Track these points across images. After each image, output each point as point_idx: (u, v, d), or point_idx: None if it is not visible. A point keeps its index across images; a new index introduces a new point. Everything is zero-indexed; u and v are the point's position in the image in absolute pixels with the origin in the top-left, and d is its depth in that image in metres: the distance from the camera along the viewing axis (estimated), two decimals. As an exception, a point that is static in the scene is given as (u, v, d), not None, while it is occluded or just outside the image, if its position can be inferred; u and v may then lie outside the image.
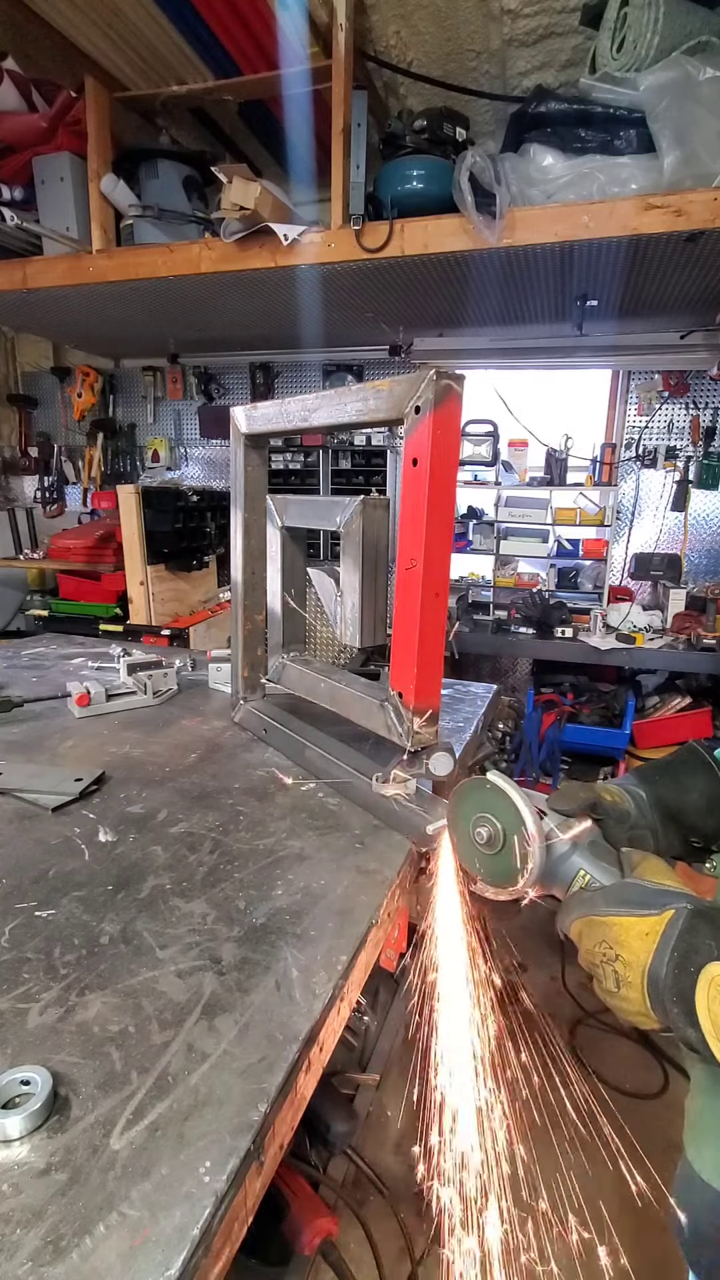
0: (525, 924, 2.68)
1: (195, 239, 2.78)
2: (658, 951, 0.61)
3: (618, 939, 0.64)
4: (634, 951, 0.63)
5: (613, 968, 0.64)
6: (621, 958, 0.63)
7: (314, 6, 2.31)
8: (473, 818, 0.79)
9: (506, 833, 0.75)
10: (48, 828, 1.01)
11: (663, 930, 0.62)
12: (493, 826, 0.76)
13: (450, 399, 0.82)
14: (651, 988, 0.61)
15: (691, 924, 0.61)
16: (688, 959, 0.59)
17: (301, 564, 1.40)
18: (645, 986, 0.62)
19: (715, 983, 0.57)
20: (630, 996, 0.63)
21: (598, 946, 0.66)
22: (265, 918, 0.80)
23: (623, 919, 0.65)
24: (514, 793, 0.75)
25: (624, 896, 0.67)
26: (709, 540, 3.89)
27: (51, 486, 4.85)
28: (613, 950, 0.64)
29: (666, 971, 0.60)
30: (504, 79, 2.74)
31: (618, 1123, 1.03)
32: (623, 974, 0.63)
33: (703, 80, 2.06)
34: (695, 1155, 0.77)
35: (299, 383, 4.46)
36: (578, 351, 3.83)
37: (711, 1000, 0.56)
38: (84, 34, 2.47)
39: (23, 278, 3.01)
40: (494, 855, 0.76)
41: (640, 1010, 0.63)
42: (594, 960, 0.66)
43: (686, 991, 0.58)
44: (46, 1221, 0.47)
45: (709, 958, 0.58)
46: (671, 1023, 0.60)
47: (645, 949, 0.62)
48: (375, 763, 1.08)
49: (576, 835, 0.76)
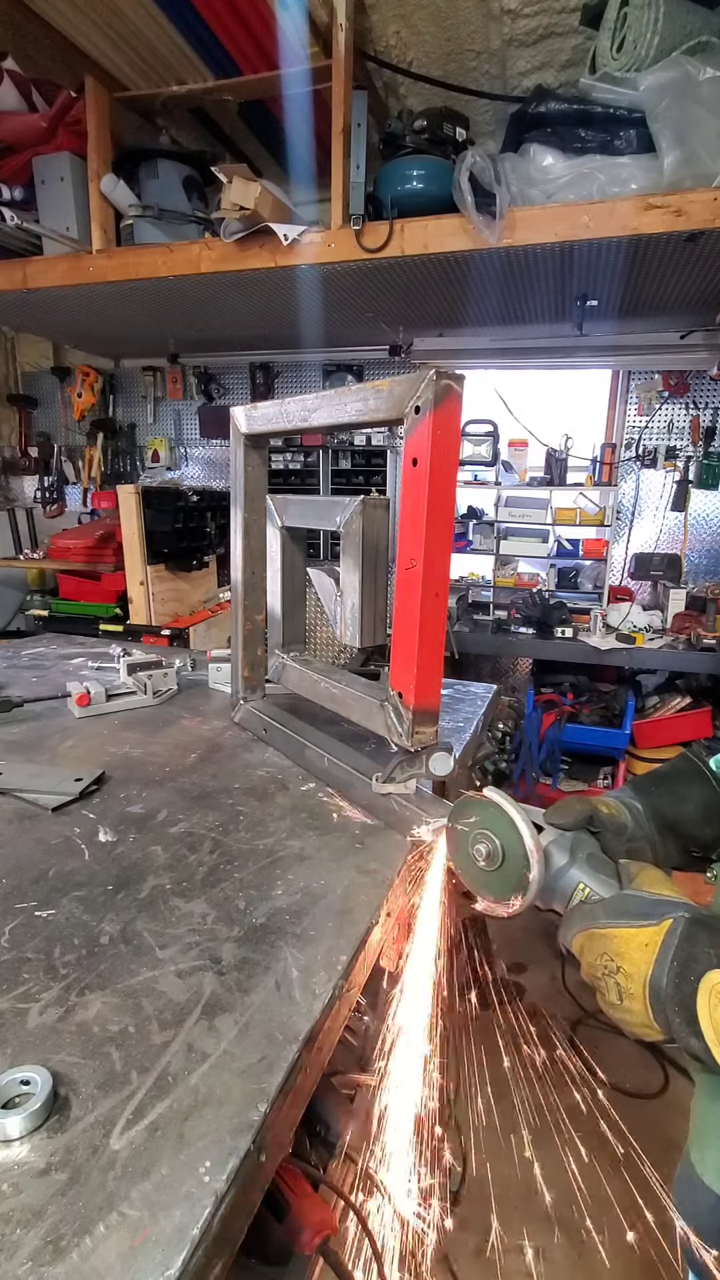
0: (525, 924, 2.68)
1: (195, 239, 2.78)
2: (658, 962, 0.61)
3: (618, 951, 0.64)
4: (635, 963, 0.62)
5: (614, 980, 0.64)
6: (623, 969, 0.63)
7: (314, 6, 2.31)
8: (472, 835, 0.79)
9: (505, 849, 0.75)
10: (48, 828, 1.01)
11: (662, 940, 0.61)
12: (491, 843, 0.76)
13: (450, 399, 0.82)
14: (653, 998, 0.61)
15: (690, 932, 0.60)
16: (687, 968, 0.59)
17: (301, 564, 1.40)
18: (647, 998, 0.61)
19: (716, 990, 0.56)
20: (633, 1008, 0.63)
21: (599, 959, 0.65)
22: (265, 918, 0.80)
23: (622, 930, 0.64)
24: (511, 809, 0.75)
25: (623, 908, 0.66)
26: (709, 540, 3.89)
27: (51, 486, 4.85)
28: (614, 962, 0.64)
29: (667, 981, 0.60)
30: (504, 79, 2.74)
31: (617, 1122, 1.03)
32: (625, 986, 0.63)
33: (703, 80, 2.06)
34: (698, 1159, 0.77)
35: (299, 383, 4.46)
36: (578, 351, 3.83)
37: (713, 1008, 0.56)
38: (84, 34, 2.47)
39: (23, 278, 3.01)
40: (494, 872, 0.77)
41: (644, 1022, 0.62)
42: (596, 973, 0.66)
43: (688, 1000, 0.58)
44: (46, 1221, 0.47)
45: (709, 965, 0.58)
46: (674, 1033, 0.60)
47: (646, 960, 0.62)
48: (375, 763, 1.08)
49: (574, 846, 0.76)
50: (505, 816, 0.75)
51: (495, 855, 0.76)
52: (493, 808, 0.77)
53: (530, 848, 0.72)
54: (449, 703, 1.66)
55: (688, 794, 0.87)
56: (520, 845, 0.73)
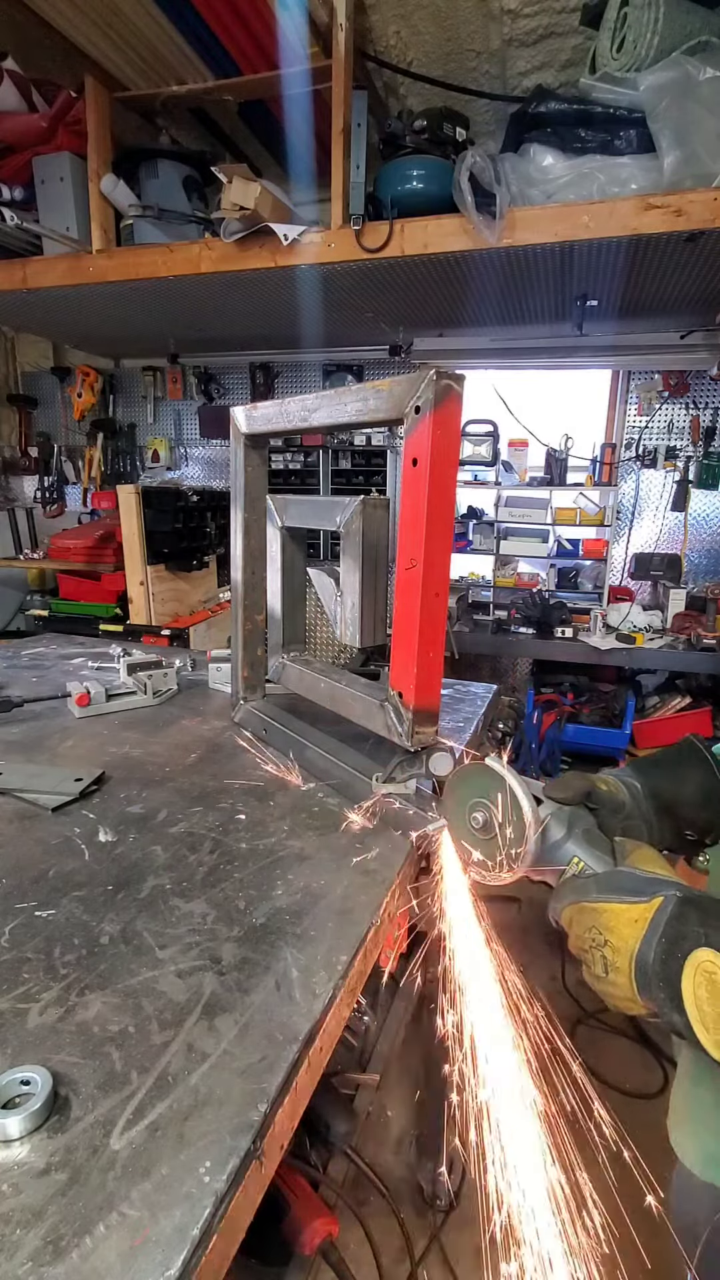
0: (525, 923, 2.68)
1: (195, 239, 2.78)
2: (645, 938, 0.62)
3: (607, 925, 0.65)
4: (623, 938, 0.63)
5: (601, 953, 0.65)
6: (610, 943, 0.64)
7: (314, 6, 2.31)
8: (470, 802, 0.79)
9: (503, 818, 0.75)
10: (48, 828, 1.01)
11: (651, 917, 0.62)
12: (489, 811, 0.76)
13: (450, 399, 0.82)
14: (639, 973, 0.62)
15: (680, 911, 0.61)
16: (675, 945, 0.60)
17: (301, 564, 1.40)
18: (633, 972, 0.62)
19: (701, 969, 0.57)
20: (618, 982, 0.64)
21: (587, 932, 0.66)
22: (265, 918, 0.80)
23: (613, 905, 0.65)
24: (511, 778, 0.75)
25: (616, 884, 0.67)
26: (709, 540, 3.89)
27: (51, 486, 4.85)
28: (602, 936, 0.65)
29: (654, 957, 0.61)
30: (504, 79, 2.74)
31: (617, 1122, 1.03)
32: (611, 959, 0.64)
33: (703, 80, 2.06)
34: (678, 1142, 0.78)
35: (299, 383, 4.46)
36: (578, 351, 3.83)
37: (697, 985, 0.57)
38: (84, 34, 2.47)
39: (23, 278, 3.01)
40: (490, 840, 0.77)
41: (628, 996, 0.63)
42: (583, 946, 0.67)
43: (673, 977, 0.59)
44: (46, 1221, 0.47)
45: (696, 944, 0.59)
46: (658, 1008, 0.61)
47: (634, 935, 0.63)
48: (375, 763, 1.08)
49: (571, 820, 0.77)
50: (505, 786, 0.76)
51: (492, 824, 0.76)
52: (493, 776, 0.77)
53: (529, 819, 0.73)
54: (449, 703, 1.66)
55: (688, 777, 0.87)
56: (519, 815, 0.74)
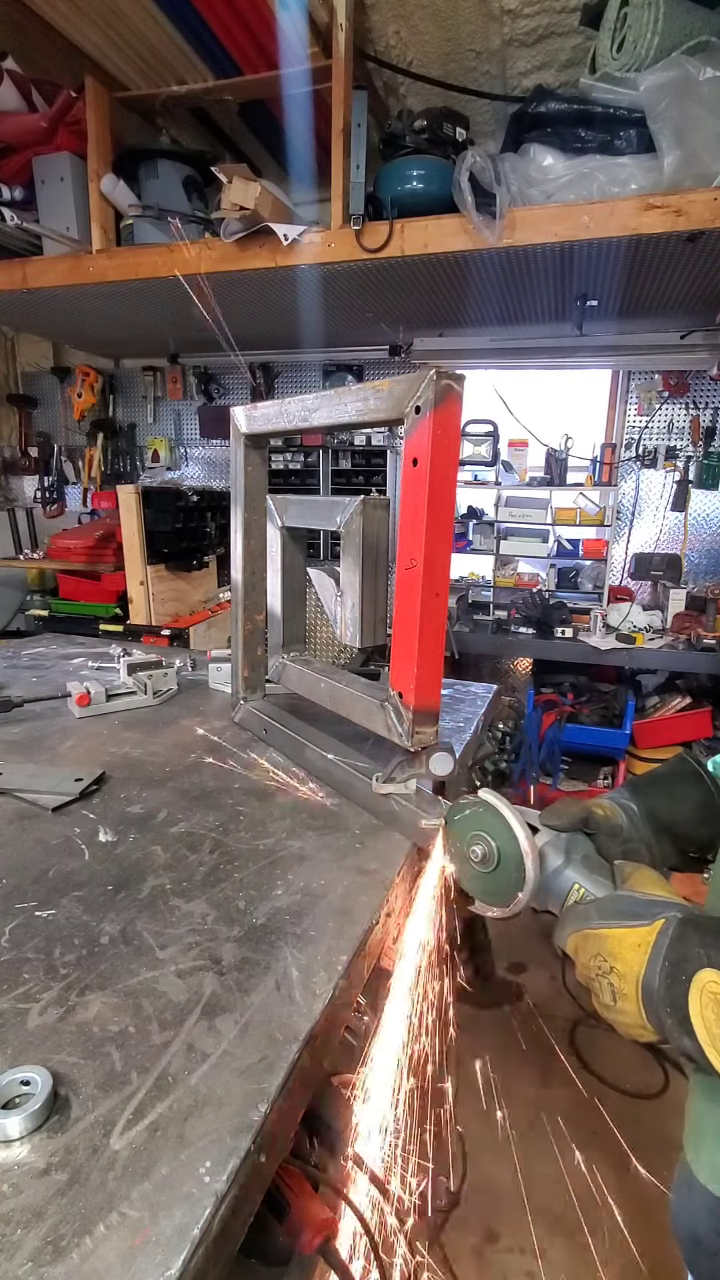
0: (525, 924, 2.68)
1: (195, 239, 2.78)
2: (650, 962, 0.61)
3: (611, 951, 0.64)
4: (628, 963, 0.62)
5: (608, 980, 0.64)
6: (616, 970, 0.63)
7: (314, 6, 2.31)
8: (468, 836, 0.79)
9: (500, 850, 0.75)
10: (48, 828, 1.01)
11: (654, 940, 0.61)
12: (487, 845, 0.76)
13: (450, 399, 0.82)
14: (646, 999, 0.61)
15: (681, 932, 0.60)
16: (679, 967, 0.59)
17: (301, 564, 1.40)
18: (640, 998, 0.61)
19: (707, 990, 0.56)
20: (627, 1009, 0.63)
21: (593, 960, 0.65)
22: (265, 918, 0.80)
23: (615, 931, 0.64)
24: (506, 810, 0.75)
25: (616, 908, 0.66)
26: (709, 540, 3.89)
27: (51, 486, 4.85)
28: (607, 963, 0.64)
29: (659, 981, 0.59)
30: (504, 79, 2.74)
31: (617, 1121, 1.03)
32: (618, 986, 0.63)
33: (703, 80, 2.06)
34: (694, 1159, 0.77)
35: (299, 383, 4.46)
36: (578, 351, 3.83)
37: (704, 1007, 0.56)
38: (84, 34, 2.47)
39: (23, 278, 3.01)
40: (490, 873, 0.77)
41: (638, 1023, 0.62)
42: (590, 974, 0.66)
43: (679, 1000, 0.58)
44: (46, 1222, 0.47)
45: (699, 965, 0.57)
46: (667, 1034, 0.60)
47: (638, 960, 0.61)
48: (375, 763, 1.08)
49: (569, 847, 0.76)
50: (500, 818, 0.75)
51: (490, 857, 0.76)
52: (488, 809, 0.77)
53: (525, 849, 0.73)
54: (449, 703, 1.66)
55: (684, 795, 0.87)
56: (515, 846, 0.73)
